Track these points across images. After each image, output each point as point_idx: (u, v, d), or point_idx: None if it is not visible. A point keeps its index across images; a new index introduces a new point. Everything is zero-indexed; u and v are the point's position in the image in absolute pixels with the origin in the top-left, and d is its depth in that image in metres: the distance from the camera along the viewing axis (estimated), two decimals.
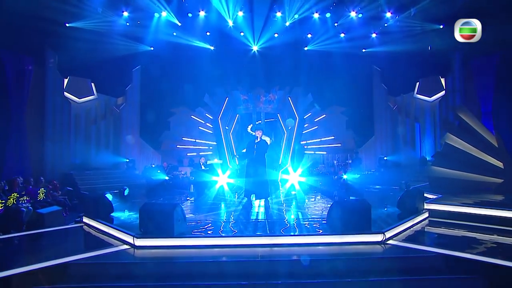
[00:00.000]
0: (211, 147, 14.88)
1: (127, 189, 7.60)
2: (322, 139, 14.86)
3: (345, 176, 9.70)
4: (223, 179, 8.89)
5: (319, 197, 8.66)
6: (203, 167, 9.78)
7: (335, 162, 13.58)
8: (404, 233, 4.91)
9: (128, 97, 13.43)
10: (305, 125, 14.58)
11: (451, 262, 3.66)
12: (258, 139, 6.53)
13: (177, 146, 14.70)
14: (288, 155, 13.86)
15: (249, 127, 15.51)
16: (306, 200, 7.95)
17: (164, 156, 14.31)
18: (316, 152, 14.97)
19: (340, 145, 14.69)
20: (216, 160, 10.70)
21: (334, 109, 14.84)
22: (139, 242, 4.36)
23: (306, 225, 5.20)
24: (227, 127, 14.62)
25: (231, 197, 8.26)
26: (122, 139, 13.16)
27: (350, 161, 12.50)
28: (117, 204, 6.96)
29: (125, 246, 4.40)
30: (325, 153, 14.94)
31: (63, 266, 3.53)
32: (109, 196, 6.17)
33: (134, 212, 5.90)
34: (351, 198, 7.77)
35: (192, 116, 14.85)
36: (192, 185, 9.98)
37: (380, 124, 13.76)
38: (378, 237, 4.46)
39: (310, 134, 14.99)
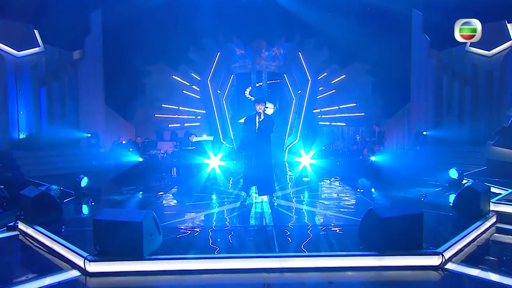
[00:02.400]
0: (199, 117, 14.70)
1: (85, 178, 6.90)
2: (340, 106, 14.66)
3: (373, 158, 9.35)
4: (214, 161, 8.64)
5: (337, 184, 8.50)
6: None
7: (357, 137, 13.15)
8: (467, 249, 4.30)
9: (87, 50, 12.69)
10: (319, 88, 14.28)
11: None
12: (262, 117, 5.89)
13: (155, 116, 14.56)
14: (297, 128, 13.52)
15: (247, 90, 15.45)
16: (323, 191, 7.63)
17: (139, 129, 14.13)
18: (333, 124, 14.77)
19: (363, 114, 14.47)
20: (205, 136, 10.21)
21: (357, 68, 14.47)
22: (93, 267, 3.72)
23: (323, 233, 4.69)
24: (219, 91, 14.26)
25: (225, 187, 8.00)
26: (82, 106, 12.60)
27: (374, 139, 11.99)
28: (70, 200, 6.44)
29: (74, 273, 3.76)
30: (344, 124, 14.72)
31: None
32: (56, 191, 5.44)
33: (94, 213, 5.53)
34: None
35: (173, 77, 14.57)
36: (174, 169, 9.89)
37: (419, 88, 13.03)
38: (434, 260, 3.82)
39: (326, 100, 14.71)
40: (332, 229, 4.89)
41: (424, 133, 12.35)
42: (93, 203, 6.52)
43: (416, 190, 7.41)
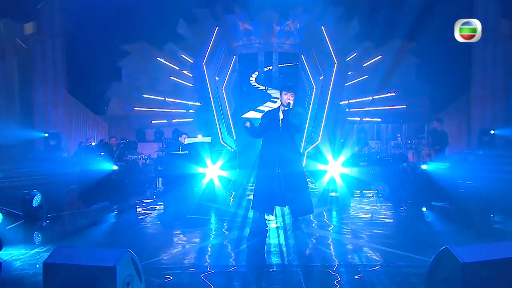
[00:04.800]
0: (191, 111, 14.78)
1: (39, 194, 6.65)
2: (375, 97, 14.62)
3: (424, 166, 9.03)
4: (213, 170, 8.59)
5: (375, 201, 8.54)
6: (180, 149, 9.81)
7: (398, 137, 12.94)
8: None
9: (44, 22, 12.57)
10: (348, 73, 14.24)
11: None
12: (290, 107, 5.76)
13: (135, 109, 14.67)
14: (319, 125, 13.49)
15: (254, 76, 15.58)
16: (357, 211, 7.58)
17: (113, 127, 14.31)
18: (365, 120, 14.82)
19: (405, 107, 14.48)
20: (200, 137, 10.06)
21: (397, 46, 14.40)
22: None
23: (371, 278, 4.31)
24: (217, 78, 14.26)
25: (227, 205, 8.08)
26: (37, 97, 12.46)
27: (424, 140, 11.94)
28: (16, 226, 6.19)
29: None
30: (379, 120, 14.84)
31: None
32: None
33: (50, 246, 5.17)
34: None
35: (158, 59, 14.68)
36: (159, 180, 10.11)
37: (483, 71, 12.74)
38: None
39: (356, 88, 14.73)
40: (382, 271, 4.47)
41: (492, 132, 11.90)
42: (48, 229, 6.33)
43: (488, 211, 7.12)
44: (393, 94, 14.25)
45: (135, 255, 3.71)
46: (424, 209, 7.52)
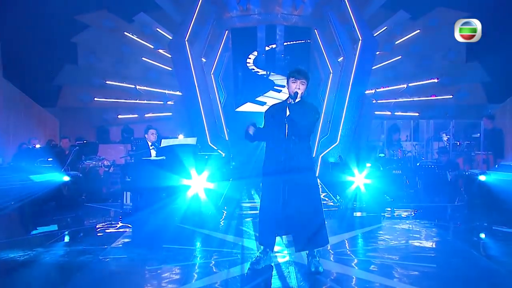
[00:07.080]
0: (170, 102, 14.93)
1: None
2: (410, 84, 14.91)
3: (482, 177, 9.03)
4: (198, 181, 8.77)
5: (412, 222, 8.55)
6: (153, 153, 9.81)
7: (444, 136, 12.83)
8: None
9: None
10: (376, 53, 14.19)
11: None
12: (298, 99, 5.47)
13: (95, 100, 14.85)
14: (338, 122, 13.50)
15: (251, 58, 15.95)
16: (391, 239, 7.40)
17: (65, 123, 14.29)
18: (398, 115, 15.09)
19: (451, 97, 14.72)
20: (181, 138, 10.26)
21: (440, 17, 14.58)
22: None
23: None
24: (204, 59, 14.32)
25: (217, 229, 8.05)
26: None
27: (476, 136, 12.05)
28: None
29: None
30: (417, 114, 15.01)
31: None
32: None
33: None
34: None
35: (126, 34, 14.86)
36: (127, 194, 10.10)
37: None
38: None
39: (386, 73, 14.99)
40: None
41: None
42: None
43: None
44: (435, 80, 14.40)
45: None
46: (483, 235, 7.41)
